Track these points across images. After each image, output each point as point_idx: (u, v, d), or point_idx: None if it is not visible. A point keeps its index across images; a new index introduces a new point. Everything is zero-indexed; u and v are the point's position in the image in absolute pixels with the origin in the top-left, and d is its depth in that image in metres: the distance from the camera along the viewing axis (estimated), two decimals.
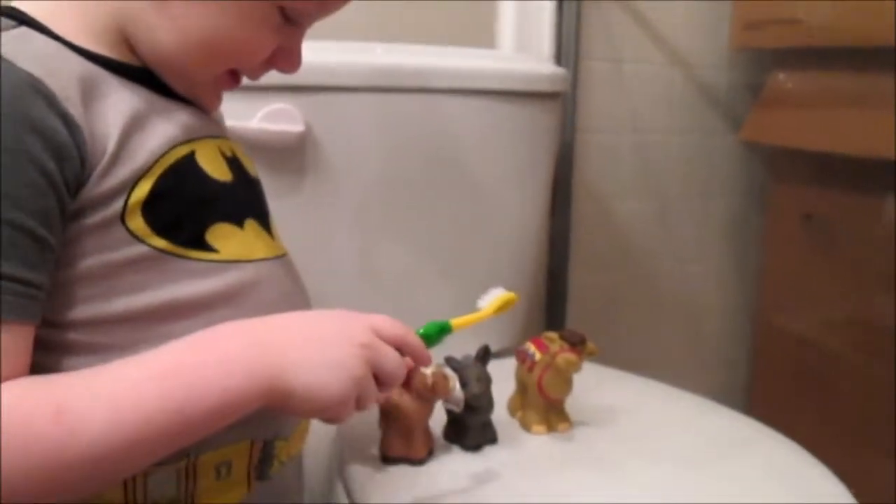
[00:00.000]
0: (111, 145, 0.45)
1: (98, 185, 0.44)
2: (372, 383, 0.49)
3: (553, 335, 0.76)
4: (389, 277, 0.94)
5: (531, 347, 0.76)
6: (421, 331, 0.55)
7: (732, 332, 1.52)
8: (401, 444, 0.68)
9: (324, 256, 0.89)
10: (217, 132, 0.56)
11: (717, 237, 1.47)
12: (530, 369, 0.75)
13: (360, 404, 0.49)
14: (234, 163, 0.55)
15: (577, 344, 0.73)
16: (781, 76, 1.34)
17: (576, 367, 0.72)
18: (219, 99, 0.56)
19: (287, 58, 0.54)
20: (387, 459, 0.69)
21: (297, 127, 0.85)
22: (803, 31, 1.24)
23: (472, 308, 0.60)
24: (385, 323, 0.51)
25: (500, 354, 0.92)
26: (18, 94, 0.41)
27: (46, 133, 0.41)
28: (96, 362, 0.43)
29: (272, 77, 0.83)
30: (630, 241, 1.37)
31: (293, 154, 0.86)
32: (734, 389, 1.50)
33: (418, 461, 0.68)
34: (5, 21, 0.46)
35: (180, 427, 0.42)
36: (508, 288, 1.03)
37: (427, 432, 0.70)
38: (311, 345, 0.47)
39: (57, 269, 0.43)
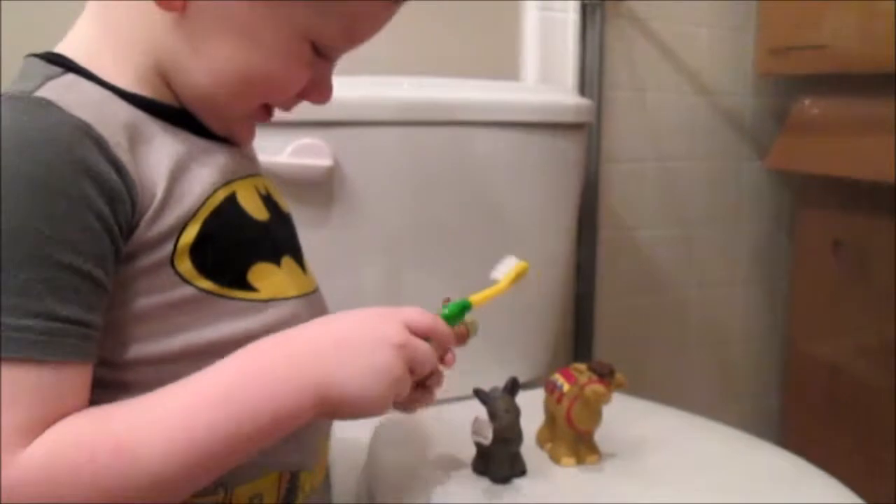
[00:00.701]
0: (159, 191, 0.46)
1: (149, 230, 0.45)
2: (409, 379, 0.50)
3: (581, 366, 0.75)
4: (416, 305, 0.94)
5: (560, 379, 0.75)
6: (445, 312, 0.56)
7: (762, 360, 1.50)
8: None
9: (352, 289, 0.90)
10: (253, 170, 0.57)
11: (745, 263, 1.46)
12: (559, 401, 0.75)
13: (397, 399, 0.50)
14: (268, 200, 0.56)
15: (605, 375, 0.72)
16: (807, 102, 1.34)
17: (605, 399, 0.71)
18: (252, 133, 0.57)
19: (318, 89, 0.55)
20: None
21: (325, 161, 0.86)
22: (828, 57, 1.24)
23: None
24: (415, 316, 0.52)
25: (529, 385, 0.93)
26: (73, 140, 0.42)
27: (100, 178, 0.42)
28: None
29: (301, 112, 0.85)
30: (657, 267, 1.37)
31: (322, 187, 0.87)
32: (765, 418, 1.48)
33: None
34: (52, 69, 0.47)
35: (235, 447, 0.43)
36: (536, 317, 1.04)
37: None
38: (350, 350, 0.47)
39: (110, 309, 0.44)
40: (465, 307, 0.56)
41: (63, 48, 0.49)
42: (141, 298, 0.46)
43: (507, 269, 0.60)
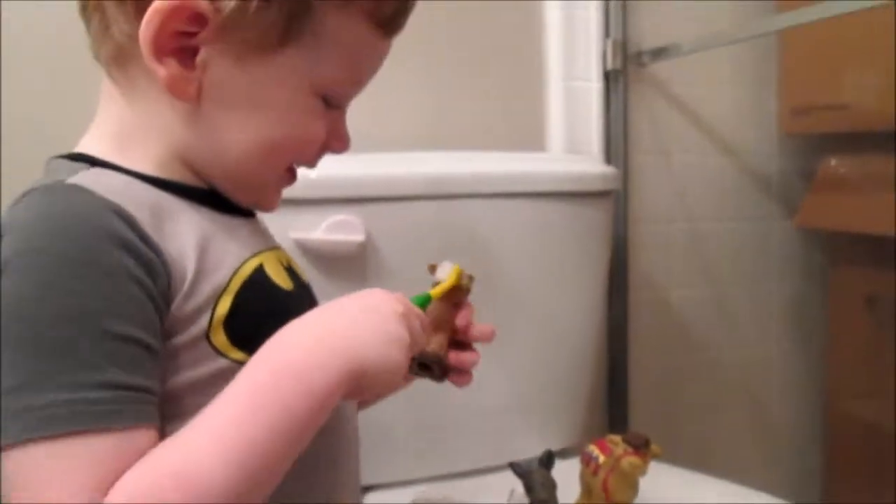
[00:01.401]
0: (190, 265, 0.47)
1: (185, 304, 0.46)
2: (412, 347, 0.51)
3: (617, 438, 0.76)
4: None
5: (595, 450, 0.76)
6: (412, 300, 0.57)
7: (800, 420, 1.47)
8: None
9: None
10: (273, 244, 0.59)
11: (779, 322, 1.45)
12: (595, 472, 0.75)
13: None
14: (290, 272, 0.57)
15: (640, 447, 0.73)
16: (833, 161, 1.34)
17: (641, 471, 0.71)
18: (279, 198, 0.59)
19: (337, 139, 0.57)
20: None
21: (358, 236, 0.88)
22: (851, 115, 1.25)
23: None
24: (402, 298, 0.53)
25: (564, 454, 0.93)
26: (107, 219, 0.44)
27: (137, 252, 0.44)
28: None
29: (335, 189, 0.89)
30: (689, 328, 1.36)
31: (355, 262, 0.90)
32: (807, 479, 1.45)
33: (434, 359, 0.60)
34: (77, 165, 0.49)
35: (288, 443, 0.43)
36: (569, 383, 1.04)
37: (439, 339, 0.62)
38: (366, 325, 0.48)
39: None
40: (427, 299, 0.58)
41: (83, 148, 0.52)
42: (180, 373, 0.47)
43: (446, 271, 0.62)
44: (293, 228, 0.86)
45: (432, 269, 0.64)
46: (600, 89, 1.22)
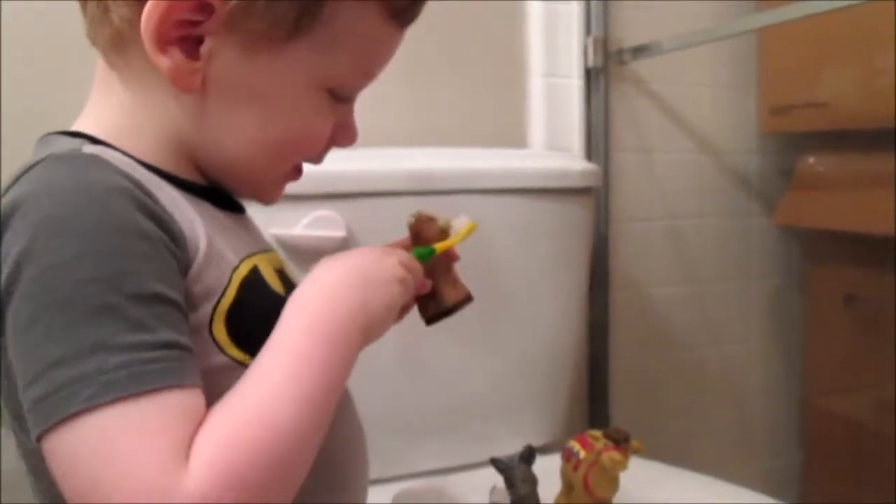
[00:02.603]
0: (202, 245, 0.46)
1: (195, 283, 0.45)
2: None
3: (597, 433, 0.76)
4: (431, 373, 0.95)
5: (576, 446, 0.76)
6: (414, 252, 0.59)
7: (779, 417, 1.49)
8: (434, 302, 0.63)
9: (365, 356, 0.90)
10: (267, 246, 0.58)
11: (758, 320, 1.46)
12: (576, 468, 0.75)
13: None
14: (282, 275, 0.56)
15: (621, 442, 0.73)
16: (812, 160, 1.36)
17: (621, 466, 0.72)
18: (282, 192, 0.57)
19: (344, 133, 0.55)
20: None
21: (339, 232, 0.88)
22: (829, 114, 1.26)
23: None
24: (402, 257, 0.55)
25: (545, 450, 0.93)
26: (132, 190, 0.43)
27: (163, 222, 0.43)
28: None
29: (315, 185, 0.88)
30: (669, 326, 1.37)
31: None
32: (785, 476, 1.46)
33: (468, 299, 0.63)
34: (80, 140, 0.47)
35: (334, 388, 0.45)
36: (550, 380, 1.04)
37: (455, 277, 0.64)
38: (374, 283, 0.50)
39: None
40: (429, 253, 0.59)
41: (80, 128, 0.50)
42: None
43: (461, 224, 0.62)
44: (273, 224, 0.86)
45: (424, 220, 0.63)
46: (581, 86, 1.22)
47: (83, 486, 0.38)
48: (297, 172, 0.56)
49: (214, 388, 0.45)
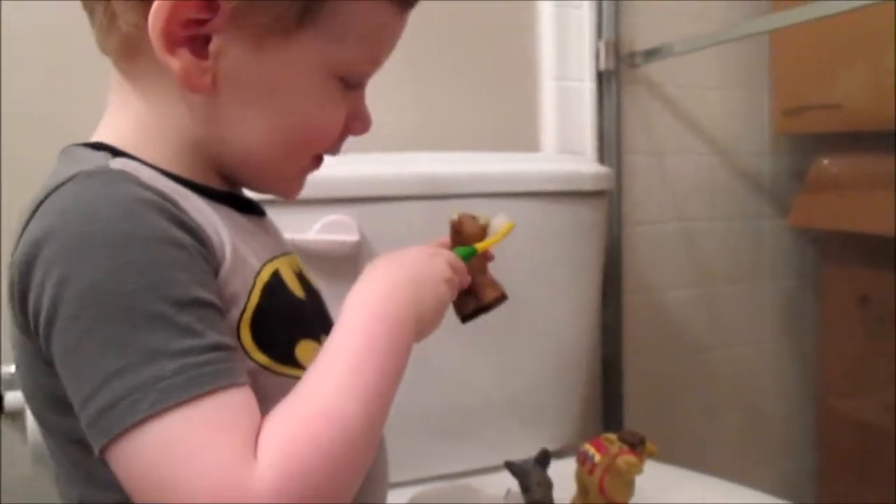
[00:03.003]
0: (228, 250, 0.47)
1: (223, 289, 0.46)
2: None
3: (612, 437, 0.76)
4: (445, 376, 0.95)
5: (591, 449, 0.76)
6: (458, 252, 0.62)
7: (794, 419, 1.48)
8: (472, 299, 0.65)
9: None
10: (287, 249, 0.58)
11: (772, 322, 1.46)
12: (591, 472, 0.75)
13: None
14: (302, 278, 0.56)
15: (636, 445, 0.73)
16: (825, 161, 1.35)
17: (637, 470, 0.71)
18: (303, 185, 0.58)
19: (358, 121, 0.55)
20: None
21: (352, 236, 0.88)
22: (842, 116, 1.26)
23: None
24: (449, 257, 0.58)
25: (560, 454, 0.93)
26: (161, 202, 0.43)
27: (193, 230, 0.44)
28: None
29: (328, 190, 0.88)
30: (683, 328, 1.37)
31: (349, 262, 0.89)
32: (800, 478, 1.46)
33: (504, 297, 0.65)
34: (101, 153, 0.48)
35: (393, 385, 0.46)
36: (564, 383, 1.04)
37: (491, 277, 0.67)
38: (424, 286, 0.52)
39: None
40: (471, 252, 0.62)
41: (101, 138, 0.50)
42: None
43: (500, 223, 0.65)
44: (286, 229, 0.84)
45: (467, 219, 0.65)
46: (593, 89, 1.22)
47: (159, 489, 0.39)
48: (316, 163, 0.57)
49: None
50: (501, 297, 0.64)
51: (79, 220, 0.42)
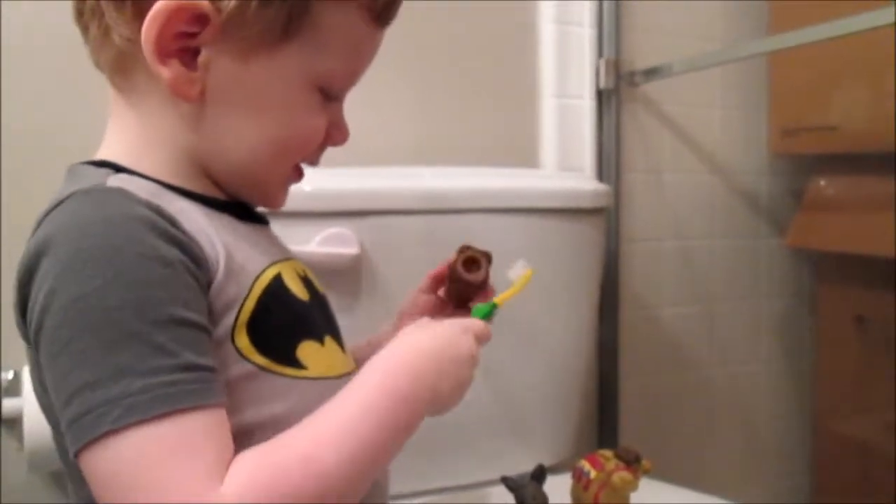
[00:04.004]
0: (222, 261, 0.48)
1: (217, 299, 0.47)
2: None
3: (608, 453, 0.76)
4: None
5: (586, 465, 0.76)
6: (477, 313, 0.63)
7: (790, 438, 1.48)
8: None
9: None
10: (290, 254, 0.59)
11: (768, 341, 1.46)
12: (586, 488, 0.75)
13: None
14: (306, 282, 0.57)
15: (632, 462, 0.73)
16: (822, 182, 1.36)
17: (632, 486, 0.72)
18: (286, 195, 0.59)
19: (337, 131, 0.57)
20: None
21: (352, 249, 0.89)
22: (839, 137, 1.27)
23: None
24: (478, 328, 0.58)
25: (555, 469, 0.93)
26: (153, 217, 0.45)
27: (184, 245, 0.45)
28: None
29: (328, 203, 0.89)
30: (680, 346, 1.37)
31: (349, 275, 0.90)
32: (796, 497, 1.46)
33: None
34: (104, 170, 0.50)
35: (388, 450, 0.47)
36: (560, 399, 1.04)
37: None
38: (447, 365, 0.52)
39: None
40: (493, 308, 0.63)
41: (104, 155, 0.52)
42: None
43: (518, 273, 0.66)
44: (287, 241, 0.86)
45: (454, 266, 0.65)
46: (593, 107, 1.23)
47: (119, 501, 0.41)
48: (298, 174, 0.58)
49: (237, 395, 0.47)
50: None
51: (72, 236, 0.43)
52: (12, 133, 0.90)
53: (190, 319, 0.44)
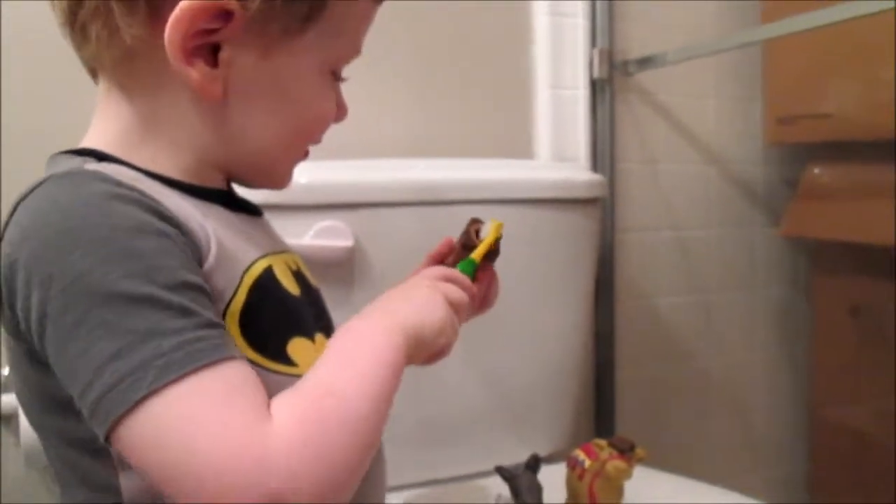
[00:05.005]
0: (213, 246, 0.47)
1: (209, 281, 0.46)
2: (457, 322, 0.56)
3: (602, 442, 0.76)
4: (437, 382, 0.96)
5: (581, 455, 0.76)
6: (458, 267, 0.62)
7: (786, 427, 1.49)
8: None
9: None
10: (284, 247, 0.58)
11: (764, 330, 1.47)
12: (581, 477, 0.75)
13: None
14: (299, 276, 0.57)
15: (626, 451, 0.73)
16: (816, 170, 1.36)
17: (626, 475, 0.72)
18: (292, 177, 0.59)
19: (339, 109, 0.57)
20: None
21: (347, 242, 0.89)
22: (834, 125, 1.27)
23: None
24: (431, 271, 0.58)
25: (551, 459, 0.93)
26: (137, 196, 0.44)
27: (171, 219, 0.44)
28: None
29: (322, 196, 0.89)
30: (675, 335, 1.37)
31: (344, 267, 0.90)
32: (792, 486, 1.46)
33: None
34: (85, 159, 0.48)
35: (394, 388, 0.47)
36: (556, 389, 1.04)
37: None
38: (407, 297, 0.53)
39: None
40: (471, 264, 0.63)
41: (85, 144, 0.51)
42: None
43: (488, 228, 0.65)
44: (281, 234, 0.86)
45: (469, 233, 0.65)
46: (587, 98, 1.23)
47: (173, 462, 0.39)
48: (305, 154, 0.58)
49: None
50: None
51: (54, 219, 0.42)
52: (12, 133, 0.90)
53: (198, 283, 0.43)
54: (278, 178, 0.57)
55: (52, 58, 0.90)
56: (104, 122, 0.51)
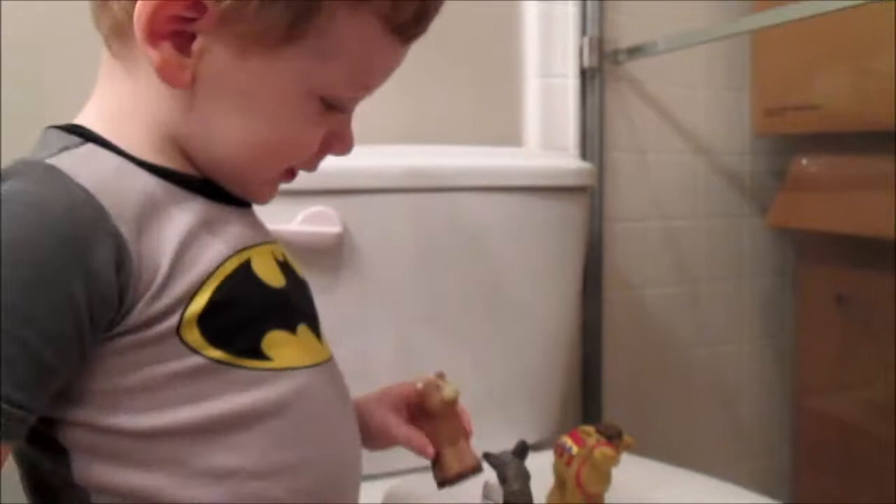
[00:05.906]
0: (165, 264, 0.45)
1: (150, 306, 0.45)
2: None
3: (590, 429, 0.76)
4: (424, 369, 0.95)
5: (568, 441, 0.76)
6: None
7: (771, 417, 1.50)
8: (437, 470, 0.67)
9: (361, 354, 0.91)
10: (269, 237, 0.57)
11: (750, 320, 1.47)
12: (568, 463, 0.75)
13: None
14: (285, 267, 0.55)
15: (613, 437, 0.73)
16: (804, 161, 1.37)
17: (613, 462, 0.72)
18: (274, 194, 0.57)
19: (339, 142, 0.55)
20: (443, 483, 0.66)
21: (335, 228, 0.88)
22: (822, 116, 1.27)
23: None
24: None
25: (538, 447, 0.93)
26: (66, 212, 0.43)
27: (91, 255, 0.42)
28: (154, 474, 0.45)
29: (310, 181, 0.88)
30: (663, 325, 1.38)
31: (332, 254, 0.89)
32: (777, 475, 1.47)
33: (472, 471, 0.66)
34: (71, 138, 0.48)
35: None
36: (544, 378, 1.04)
37: (462, 447, 0.68)
38: None
39: (107, 378, 0.45)
40: None
41: (82, 119, 0.50)
42: (144, 369, 0.45)
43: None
44: (268, 220, 0.84)
45: (431, 389, 0.68)
46: (576, 86, 1.23)
47: None
48: (289, 175, 0.56)
49: (187, 389, 0.46)
50: (468, 472, 0.65)
51: None
52: (12, 124, 0.88)
53: (20, 337, 0.41)
54: (252, 191, 0.55)
55: (54, 48, 0.90)
56: (102, 93, 0.52)
